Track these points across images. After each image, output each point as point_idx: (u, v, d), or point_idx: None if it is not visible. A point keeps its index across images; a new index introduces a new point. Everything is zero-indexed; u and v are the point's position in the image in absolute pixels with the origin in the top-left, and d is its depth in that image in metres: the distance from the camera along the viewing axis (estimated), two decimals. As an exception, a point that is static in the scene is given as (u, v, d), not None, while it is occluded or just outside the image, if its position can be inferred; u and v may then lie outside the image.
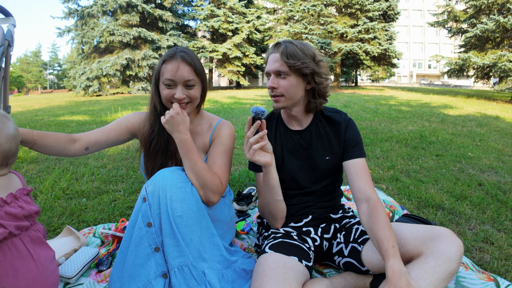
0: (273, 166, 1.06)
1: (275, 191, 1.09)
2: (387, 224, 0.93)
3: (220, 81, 33.34)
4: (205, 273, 0.95)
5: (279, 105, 1.12)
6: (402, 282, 0.80)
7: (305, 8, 16.77)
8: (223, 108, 7.51)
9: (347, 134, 1.17)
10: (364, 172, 1.10)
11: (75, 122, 5.69)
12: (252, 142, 0.97)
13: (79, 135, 1.13)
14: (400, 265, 0.83)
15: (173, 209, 0.95)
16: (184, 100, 1.10)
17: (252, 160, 1.00)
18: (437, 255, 0.86)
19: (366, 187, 1.05)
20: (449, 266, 0.85)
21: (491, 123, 5.28)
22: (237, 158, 2.97)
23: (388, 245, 0.87)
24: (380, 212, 0.97)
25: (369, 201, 1.02)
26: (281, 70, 1.07)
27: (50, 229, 1.61)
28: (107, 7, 16.38)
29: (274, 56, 1.09)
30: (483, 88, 22.36)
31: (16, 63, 44.88)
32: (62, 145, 1.08)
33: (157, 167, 1.17)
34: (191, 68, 1.10)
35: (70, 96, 16.44)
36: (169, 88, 1.09)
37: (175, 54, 1.10)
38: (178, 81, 1.08)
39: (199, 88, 1.14)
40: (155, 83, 1.14)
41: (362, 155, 1.14)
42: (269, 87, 1.10)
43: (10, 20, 1.23)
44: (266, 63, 1.14)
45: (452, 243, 0.87)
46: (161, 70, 1.10)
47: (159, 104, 1.15)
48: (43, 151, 1.06)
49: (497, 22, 9.88)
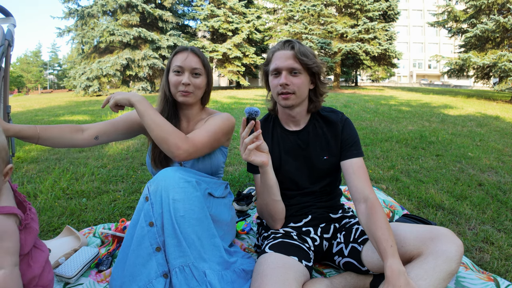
0: (269, 166, 1.05)
1: (273, 191, 1.09)
2: (386, 224, 0.93)
3: (220, 81, 33.34)
4: (206, 274, 0.95)
5: (288, 103, 1.10)
6: (401, 281, 0.80)
7: (305, 8, 16.76)
8: (223, 108, 7.51)
9: (344, 134, 1.17)
10: (362, 171, 1.09)
11: (75, 122, 5.69)
12: (247, 143, 0.97)
13: (87, 125, 1.16)
14: (399, 264, 0.83)
15: (176, 209, 0.95)
16: (189, 88, 1.17)
17: (248, 161, 0.99)
18: (437, 255, 0.86)
19: (364, 187, 1.05)
20: (449, 266, 0.85)
21: (491, 123, 5.28)
22: (237, 158, 2.97)
23: (386, 245, 0.87)
24: (378, 212, 0.97)
25: (367, 200, 1.02)
26: (295, 67, 1.07)
27: (50, 229, 1.61)
28: (107, 7, 16.37)
29: (286, 53, 1.08)
30: (483, 88, 22.35)
31: (16, 63, 44.87)
32: (69, 135, 1.09)
33: (164, 154, 1.19)
34: (199, 59, 1.20)
35: (70, 96, 16.43)
36: (177, 75, 1.18)
37: (187, 47, 1.21)
38: (186, 68, 1.17)
39: (204, 80, 1.22)
40: (166, 73, 1.23)
41: (359, 154, 1.14)
42: (281, 84, 1.07)
43: (10, 20, 1.23)
44: (271, 60, 1.12)
45: (452, 243, 0.87)
46: (172, 60, 1.20)
47: (168, 92, 1.22)
48: (49, 144, 1.06)
49: (497, 22, 9.88)
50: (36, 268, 0.80)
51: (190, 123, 1.29)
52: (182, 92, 1.17)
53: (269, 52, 1.15)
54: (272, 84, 1.13)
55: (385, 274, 0.83)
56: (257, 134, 0.97)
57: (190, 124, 1.29)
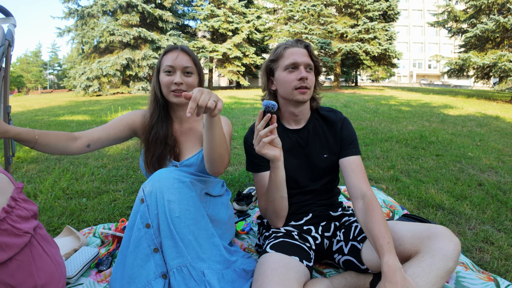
0: (281, 162, 1.05)
1: (282, 187, 1.09)
2: (383, 221, 0.93)
3: (220, 81, 33.35)
4: (204, 273, 0.95)
5: (305, 97, 1.12)
6: (397, 277, 0.80)
7: (305, 8, 16.76)
8: (223, 108, 7.50)
9: (343, 132, 1.19)
10: (359, 169, 1.11)
11: (75, 122, 5.69)
12: (262, 135, 0.97)
13: (80, 133, 1.14)
14: (395, 260, 0.83)
15: (171, 210, 0.96)
16: (182, 87, 1.16)
17: (261, 153, 0.99)
18: (434, 253, 0.86)
19: (361, 184, 1.06)
20: (446, 264, 0.85)
21: (491, 123, 5.28)
22: (237, 158, 2.97)
23: (383, 242, 0.87)
24: (375, 209, 0.97)
25: (365, 197, 1.02)
26: (311, 64, 1.13)
27: (50, 229, 1.61)
28: (107, 7, 16.38)
29: (301, 50, 1.13)
30: (483, 88, 22.36)
31: (16, 63, 44.88)
32: (64, 143, 1.08)
33: (156, 157, 1.19)
34: (189, 57, 1.19)
35: (70, 96, 16.44)
36: (169, 75, 1.16)
37: (176, 46, 1.20)
38: (177, 67, 1.16)
39: (196, 78, 1.21)
40: (156, 73, 1.21)
41: (357, 152, 1.16)
42: (302, 78, 1.09)
43: (10, 20, 1.23)
44: (283, 56, 1.13)
45: (449, 241, 0.87)
46: (162, 60, 1.19)
47: (159, 93, 1.20)
48: (45, 150, 1.06)
49: (497, 22, 9.88)
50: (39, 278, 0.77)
51: (183, 124, 1.27)
52: (175, 92, 1.16)
53: (279, 49, 1.16)
54: (287, 79, 1.12)
55: (382, 271, 0.83)
56: (272, 128, 0.97)
57: (182, 125, 1.27)
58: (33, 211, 0.82)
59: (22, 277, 0.75)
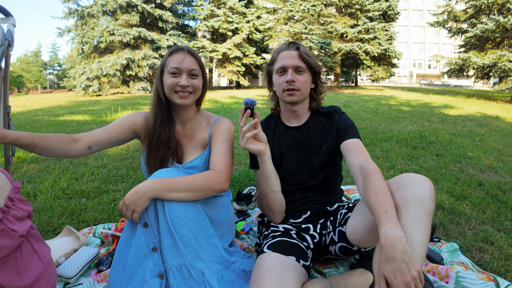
0: (267, 156, 1.10)
1: (271, 181, 1.12)
2: (380, 190, 0.87)
3: (220, 81, 33.34)
4: (204, 273, 0.95)
5: (293, 99, 1.16)
6: (395, 251, 0.72)
7: (305, 8, 16.76)
8: (223, 108, 7.51)
9: (340, 122, 1.21)
10: (358, 149, 1.08)
11: (75, 122, 5.69)
12: (244, 131, 1.03)
13: (80, 135, 1.13)
14: (394, 229, 0.76)
15: (171, 209, 0.96)
16: (188, 89, 1.15)
17: (245, 148, 1.04)
18: (407, 203, 0.82)
19: (359, 159, 1.03)
20: (422, 208, 0.80)
21: (491, 123, 5.28)
22: (237, 158, 2.97)
23: (380, 212, 0.81)
24: (371, 179, 0.92)
25: (363, 169, 0.98)
26: (300, 66, 1.15)
27: (50, 229, 1.61)
28: (107, 7, 16.38)
29: (291, 53, 1.16)
30: (483, 88, 22.34)
31: (16, 63, 44.85)
32: (64, 145, 1.07)
33: (159, 160, 1.18)
34: (195, 60, 1.18)
35: (70, 96, 16.43)
36: (174, 77, 1.14)
37: (182, 48, 1.18)
38: (184, 70, 1.14)
39: (201, 80, 1.21)
40: (159, 74, 1.19)
41: (355, 136, 1.15)
42: (288, 81, 1.14)
43: (10, 20, 1.23)
44: (276, 60, 1.19)
45: (417, 183, 0.84)
46: (167, 61, 1.16)
47: (162, 94, 1.19)
48: (44, 154, 1.05)
49: (497, 22, 9.88)
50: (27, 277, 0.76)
51: (185, 126, 1.26)
52: (180, 94, 1.15)
53: (274, 53, 1.22)
54: (277, 82, 1.19)
55: (379, 242, 0.77)
56: (253, 123, 1.03)
57: (185, 127, 1.26)
58: (28, 211, 0.81)
59: (8, 276, 0.74)
